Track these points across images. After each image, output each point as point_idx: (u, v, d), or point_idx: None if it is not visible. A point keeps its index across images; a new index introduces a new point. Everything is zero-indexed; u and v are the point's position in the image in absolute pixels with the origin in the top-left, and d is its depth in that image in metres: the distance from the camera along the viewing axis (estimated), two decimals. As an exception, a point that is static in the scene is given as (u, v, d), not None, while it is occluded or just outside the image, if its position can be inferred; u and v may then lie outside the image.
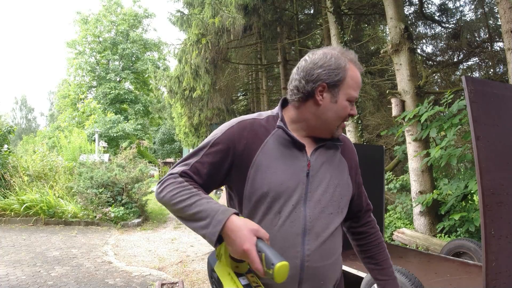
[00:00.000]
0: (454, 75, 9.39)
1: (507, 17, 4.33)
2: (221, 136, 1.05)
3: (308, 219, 1.02)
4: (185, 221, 0.98)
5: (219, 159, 1.03)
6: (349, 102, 1.06)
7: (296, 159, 1.04)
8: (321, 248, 1.04)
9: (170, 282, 3.80)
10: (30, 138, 24.60)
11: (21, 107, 56.27)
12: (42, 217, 7.15)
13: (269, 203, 1.01)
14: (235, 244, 0.85)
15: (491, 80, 2.63)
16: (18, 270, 4.27)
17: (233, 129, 1.05)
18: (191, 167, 1.03)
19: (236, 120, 1.09)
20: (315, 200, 1.04)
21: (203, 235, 0.93)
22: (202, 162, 1.04)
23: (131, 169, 8.49)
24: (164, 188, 1.01)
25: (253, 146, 1.03)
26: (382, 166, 4.67)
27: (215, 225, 0.89)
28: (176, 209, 0.97)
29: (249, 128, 1.05)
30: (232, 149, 1.03)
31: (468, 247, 3.67)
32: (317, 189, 1.05)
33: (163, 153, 29.65)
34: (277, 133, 1.05)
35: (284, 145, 1.05)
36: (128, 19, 28.54)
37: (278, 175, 1.01)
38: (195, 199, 0.95)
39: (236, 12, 8.10)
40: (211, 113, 11.26)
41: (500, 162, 2.13)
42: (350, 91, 1.05)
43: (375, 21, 10.23)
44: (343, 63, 1.04)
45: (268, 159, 1.02)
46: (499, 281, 1.96)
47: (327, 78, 1.03)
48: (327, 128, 1.08)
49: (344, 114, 1.06)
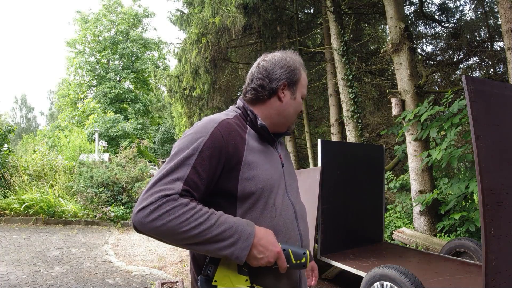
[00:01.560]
0: (454, 74, 9.39)
1: (507, 17, 4.32)
2: (208, 139, 0.97)
3: (294, 204, 1.15)
4: (200, 245, 0.90)
5: (214, 165, 0.97)
6: (303, 100, 1.20)
7: (272, 154, 1.14)
8: (306, 227, 1.20)
9: (170, 282, 3.81)
10: (30, 138, 24.60)
11: (21, 106, 56.27)
12: (42, 217, 7.15)
13: (265, 197, 1.04)
14: (267, 250, 0.93)
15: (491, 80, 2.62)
16: (18, 270, 4.28)
17: (218, 131, 1.00)
18: (187, 181, 0.92)
19: (215, 120, 1.03)
20: (291, 188, 1.18)
21: (230, 253, 0.89)
22: (198, 172, 0.94)
23: (131, 169, 8.50)
24: (162, 216, 0.86)
25: (240, 146, 1.03)
26: (382, 165, 4.67)
27: (246, 239, 0.91)
28: (189, 236, 0.88)
29: (231, 128, 1.04)
30: (224, 153, 0.98)
31: (468, 246, 3.67)
32: (289, 178, 1.18)
33: (163, 152, 29.65)
34: (251, 131, 1.10)
35: (260, 142, 1.11)
36: (128, 19, 28.51)
37: (266, 170, 1.06)
38: (215, 218, 0.91)
39: (236, 11, 8.09)
40: (211, 112, 11.24)
41: (500, 162, 2.13)
42: (303, 90, 1.19)
43: (375, 20, 10.23)
44: (298, 65, 1.18)
45: (254, 156, 1.05)
46: (499, 281, 1.96)
47: (287, 77, 1.14)
48: (286, 123, 1.18)
49: (299, 109, 1.20)
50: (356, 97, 7.35)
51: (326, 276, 4.10)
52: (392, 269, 2.68)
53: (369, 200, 4.46)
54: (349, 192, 4.19)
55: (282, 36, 10.34)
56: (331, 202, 3.92)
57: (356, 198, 4.25)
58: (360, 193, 4.32)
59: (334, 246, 3.96)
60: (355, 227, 4.23)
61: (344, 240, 4.07)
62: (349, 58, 7.48)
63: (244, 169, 1.01)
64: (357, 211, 4.25)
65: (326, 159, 3.85)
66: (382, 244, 4.43)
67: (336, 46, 7.47)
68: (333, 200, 3.95)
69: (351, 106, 7.33)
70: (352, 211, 4.19)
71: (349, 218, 4.15)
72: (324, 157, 3.83)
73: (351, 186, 4.20)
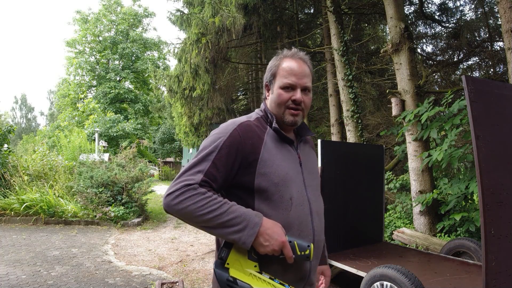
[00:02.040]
0: (454, 74, 9.39)
1: (507, 17, 4.32)
2: (227, 139, 1.12)
3: (311, 201, 1.22)
4: (213, 229, 1.05)
5: (231, 161, 1.11)
6: (285, 88, 1.21)
7: (290, 152, 1.23)
8: (320, 224, 1.26)
9: (170, 282, 3.80)
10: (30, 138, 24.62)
11: (21, 106, 56.27)
12: (42, 217, 7.15)
13: (281, 191, 1.14)
14: (273, 240, 1.03)
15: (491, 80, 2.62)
16: (18, 270, 4.28)
17: (237, 131, 1.14)
18: (207, 174, 1.08)
19: (235, 122, 1.18)
20: (311, 185, 1.25)
21: (238, 238, 1.02)
22: (216, 167, 1.09)
23: (131, 169, 8.49)
24: (184, 201, 1.04)
25: (257, 145, 1.15)
26: (382, 165, 4.67)
27: (252, 227, 1.03)
28: (204, 219, 1.03)
29: (249, 129, 1.17)
30: (240, 150, 1.12)
31: (468, 246, 3.67)
32: (308, 176, 1.26)
33: (163, 152, 29.62)
34: (271, 132, 1.22)
35: (278, 142, 1.22)
36: (128, 19, 28.51)
37: (282, 167, 1.16)
38: (227, 207, 1.05)
39: (236, 11, 8.09)
40: (211, 112, 11.25)
41: (500, 162, 2.13)
42: (281, 80, 1.22)
43: (375, 20, 10.23)
44: (277, 62, 1.25)
45: (271, 154, 1.16)
46: (499, 281, 1.96)
47: (267, 79, 1.28)
48: (277, 116, 1.24)
49: (280, 99, 1.21)
50: (356, 97, 7.35)
51: (326, 276, 4.09)
52: (392, 269, 2.68)
53: (369, 200, 4.46)
54: (349, 192, 4.18)
55: (282, 36, 10.34)
56: (331, 202, 3.92)
57: (356, 198, 4.25)
58: (360, 193, 4.32)
59: (334, 246, 3.96)
60: (355, 227, 4.23)
61: (344, 240, 4.07)
62: (349, 58, 7.47)
63: (260, 165, 1.13)
64: (357, 211, 4.25)
65: (326, 159, 3.85)
66: (382, 244, 4.43)
67: (336, 46, 7.47)
68: (333, 200, 3.94)
69: (351, 106, 7.33)
70: (352, 211, 4.19)
71: (349, 218, 4.15)
72: (324, 157, 3.83)
73: (351, 186, 4.20)
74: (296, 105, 1.21)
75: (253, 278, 1.02)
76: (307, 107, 1.25)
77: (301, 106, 1.22)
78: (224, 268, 1.05)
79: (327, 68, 9.18)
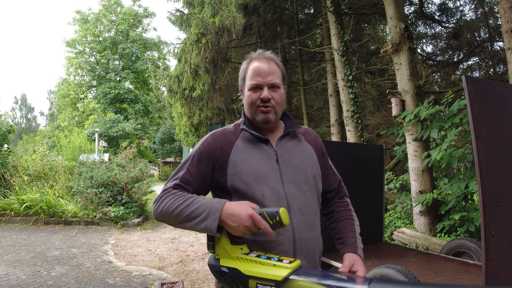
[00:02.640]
0: (454, 74, 9.39)
1: (507, 17, 4.32)
2: (200, 147, 1.25)
3: (289, 197, 1.20)
4: (184, 223, 1.11)
5: (203, 166, 1.22)
6: (253, 89, 1.25)
7: (264, 151, 1.25)
8: (305, 222, 1.22)
9: (170, 282, 3.80)
10: (30, 138, 24.61)
11: (21, 106, 56.26)
12: (42, 217, 7.15)
13: (252, 189, 1.18)
14: (240, 217, 1.02)
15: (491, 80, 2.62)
16: (18, 270, 4.28)
17: (208, 140, 1.26)
18: (181, 179, 1.20)
19: (209, 134, 1.30)
20: (291, 181, 1.23)
21: (204, 227, 1.06)
22: (190, 172, 1.21)
23: (131, 169, 8.49)
24: (161, 203, 1.15)
25: (227, 148, 1.24)
26: (382, 165, 4.67)
27: (214, 213, 1.06)
28: (175, 214, 1.11)
29: (221, 136, 1.27)
30: (211, 156, 1.22)
31: (468, 246, 3.66)
32: (289, 172, 1.24)
33: (163, 152, 29.61)
34: (244, 135, 1.27)
35: (252, 142, 1.26)
36: (128, 19, 28.50)
37: (253, 166, 1.20)
38: (191, 199, 1.12)
39: (236, 11, 8.09)
40: (211, 112, 11.25)
41: (500, 162, 2.12)
42: (249, 82, 1.26)
43: (375, 20, 10.23)
44: (246, 65, 1.31)
45: (241, 155, 1.22)
46: (499, 281, 1.96)
47: (239, 84, 1.35)
48: (251, 117, 1.28)
49: (250, 100, 1.25)
50: (356, 97, 7.35)
51: (326, 276, 4.09)
52: (392, 269, 2.68)
53: (369, 200, 4.46)
54: (349, 192, 4.17)
55: (282, 36, 10.33)
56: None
57: (356, 198, 4.24)
58: (360, 193, 4.31)
59: (334, 246, 3.95)
60: (355, 227, 4.22)
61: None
62: (349, 58, 7.47)
63: (230, 166, 1.21)
64: (357, 211, 4.21)
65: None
66: (382, 244, 4.43)
67: (336, 46, 7.47)
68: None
69: (351, 106, 7.33)
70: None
71: (349, 218, 4.14)
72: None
73: (351, 186, 4.18)
74: (264, 103, 1.23)
75: (240, 261, 1.03)
76: (278, 102, 1.26)
77: (270, 103, 1.24)
78: (215, 260, 1.08)
79: (327, 68, 9.18)
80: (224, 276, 1.05)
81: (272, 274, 0.96)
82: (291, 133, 1.33)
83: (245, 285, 1.00)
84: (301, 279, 0.93)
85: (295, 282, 0.94)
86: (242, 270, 1.01)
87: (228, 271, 1.03)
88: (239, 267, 1.02)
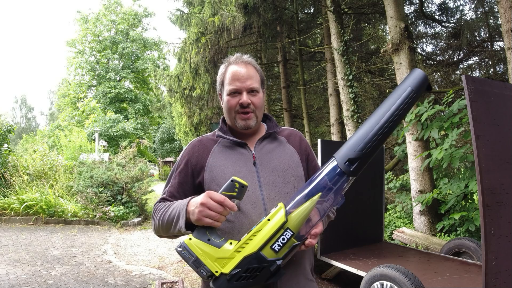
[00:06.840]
0: (454, 74, 9.38)
1: (507, 16, 4.32)
2: (180, 159, 1.30)
3: (266, 200, 1.18)
4: (169, 230, 1.14)
5: (184, 176, 1.26)
6: (231, 94, 1.24)
7: (242, 155, 1.25)
8: None
9: (170, 281, 3.81)
10: (30, 137, 24.60)
11: (21, 106, 56.25)
12: (42, 216, 7.15)
13: None
14: (201, 202, 1.00)
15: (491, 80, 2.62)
16: (18, 269, 4.28)
17: (187, 150, 1.30)
18: (167, 193, 1.26)
19: (189, 143, 1.34)
20: (269, 183, 1.21)
21: (179, 227, 1.06)
22: (173, 185, 1.26)
23: (131, 168, 8.49)
24: (153, 221, 1.23)
25: (203, 155, 1.26)
26: (382, 165, 4.68)
27: (181, 210, 1.06)
28: (160, 224, 1.17)
29: (198, 144, 1.30)
30: (190, 165, 1.26)
31: (468, 246, 3.67)
32: (267, 174, 1.22)
33: (163, 152, 29.62)
34: (222, 141, 1.29)
35: (229, 148, 1.27)
36: (128, 18, 28.48)
37: (229, 169, 1.21)
38: (167, 205, 1.16)
39: (236, 11, 8.08)
40: (211, 112, 11.25)
41: (500, 162, 2.12)
42: (227, 87, 1.26)
43: (375, 20, 10.21)
44: (223, 69, 1.29)
45: (217, 160, 1.24)
46: (498, 281, 1.96)
47: (217, 89, 1.33)
48: (231, 122, 1.29)
49: (229, 105, 1.25)
50: (356, 97, 7.34)
51: (326, 276, 4.10)
52: (392, 269, 2.68)
53: (369, 200, 4.46)
54: (349, 192, 4.17)
55: (282, 36, 10.32)
56: (331, 202, 3.91)
57: (356, 198, 4.25)
58: (360, 193, 4.32)
59: (334, 245, 3.96)
60: (355, 227, 4.23)
61: (344, 239, 4.07)
62: (349, 58, 7.47)
63: (207, 171, 1.23)
64: (357, 211, 4.25)
65: (326, 159, 3.83)
66: (382, 244, 4.43)
67: (336, 46, 7.46)
68: (333, 200, 3.93)
69: (351, 106, 7.32)
70: (352, 211, 4.19)
71: (349, 218, 4.15)
72: (324, 157, 3.83)
73: (351, 186, 4.19)
74: (244, 108, 1.22)
75: (239, 252, 0.97)
76: (258, 107, 1.25)
77: (250, 108, 1.23)
78: (220, 278, 0.97)
79: (327, 67, 9.18)
80: (212, 279, 0.97)
81: (275, 224, 0.96)
82: (272, 135, 1.32)
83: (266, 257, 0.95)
84: (297, 208, 0.99)
85: (295, 212, 0.98)
86: (250, 253, 0.95)
87: (244, 269, 0.95)
88: (246, 253, 0.95)
